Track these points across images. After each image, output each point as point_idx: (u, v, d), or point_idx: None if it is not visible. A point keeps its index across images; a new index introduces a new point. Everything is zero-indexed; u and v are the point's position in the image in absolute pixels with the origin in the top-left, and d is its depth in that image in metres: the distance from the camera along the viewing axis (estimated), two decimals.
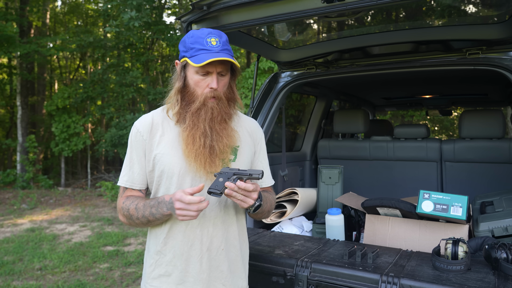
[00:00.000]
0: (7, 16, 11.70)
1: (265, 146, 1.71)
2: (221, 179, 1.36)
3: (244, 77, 8.78)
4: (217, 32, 1.47)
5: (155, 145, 1.47)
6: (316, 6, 1.68)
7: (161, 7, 12.37)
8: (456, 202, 1.94)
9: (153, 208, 1.41)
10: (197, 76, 1.44)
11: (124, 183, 1.52)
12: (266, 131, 2.72)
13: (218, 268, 1.50)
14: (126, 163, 1.53)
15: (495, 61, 2.21)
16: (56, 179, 13.77)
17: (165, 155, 1.46)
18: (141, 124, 1.51)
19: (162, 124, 1.51)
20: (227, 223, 1.53)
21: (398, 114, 12.35)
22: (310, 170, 3.55)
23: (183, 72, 1.47)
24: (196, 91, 1.45)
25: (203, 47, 1.41)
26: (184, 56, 1.45)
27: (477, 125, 2.82)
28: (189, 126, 1.44)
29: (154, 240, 1.52)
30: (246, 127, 1.63)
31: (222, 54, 1.41)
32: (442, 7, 2.13)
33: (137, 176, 1.51)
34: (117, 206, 1.53)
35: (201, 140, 1.41)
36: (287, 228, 2.52)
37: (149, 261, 1.52)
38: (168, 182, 1.47)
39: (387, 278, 1.61)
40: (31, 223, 7.28)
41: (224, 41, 1.46)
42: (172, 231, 1.47)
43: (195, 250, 1.46)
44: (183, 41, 1.48)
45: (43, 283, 4.29)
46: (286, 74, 2.85)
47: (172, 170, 1.45)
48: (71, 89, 12.56)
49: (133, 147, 1.51)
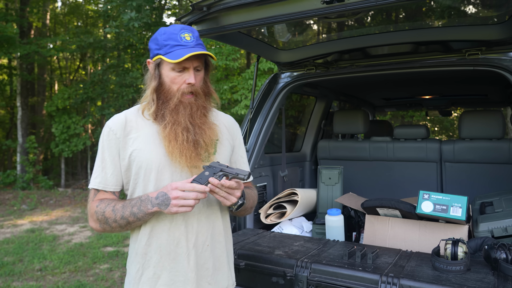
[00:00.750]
0: (7, 17, 11.71)
1: (243, 141, 1.71)
2: (207, 173, 1.34)
3: (244, 78, 8.78)
4: (189, 28, 1.45)
5: (131, 142, 1.43)
6: (315, 7, 1.68)
7: (161, 8, 12.38)
8: (456, 203, 1.94)
9: (134, 207, 1.36)
10: (173, 73, 1.42)
11: (97, 185, 1.44)
12: (266, 132, 2.72)
13: (204, 265, 1.47)
14: (97, 164, 1.46)
15: (495, 61, 2.22)
16: (56, 180, 13.77)
17: (142, 151, 1.42)
18: (113, 123, 1.46)
19: (137, 121, 1.47)
20: (211, 219, 1.50)
21: (398, 114, 12.34)
22: (310, 171, 3.55)
23: (157, 70, 1.44)
24: (172, 88, 1.43)
25: (177, 43, 1.39)
26: (158, 54, 1.42)
27: (477, 126, 2.82)
28: (169, 122, 1.40)
29: (135, 244, 1.46)
30: (224, 122, 1.62)
31: (198, 48, 1.40)
32: (442, 8, 2.14)
33: (111, 177, 1.44)
34: (89, 211, 1.44)
35: (184, 135, 1.39)
36: (287, 229, 2.52)
37: (135, 266, 1.45)
38: (146, 179, 1.42)
39: (387, 278, 1.61)
40: (31, 224, 7.28)
41: (197, 36, 1.45)
42: (156, 231, 1.42)
43: (181, 248, 1.42)
44: (155, 39, 1.45)
45: (43, 283, 4.29)
46: (286, 75, 2.86)
47: (150, 166, 1.41)
48: (71, 90, 12.57)
49: (105, 147, 1.45)
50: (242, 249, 2.01)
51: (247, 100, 8.35)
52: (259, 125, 2.69)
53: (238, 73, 9.64)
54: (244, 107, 8.32)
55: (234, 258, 1.97)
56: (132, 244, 1.49)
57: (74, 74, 17.62)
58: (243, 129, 2.67)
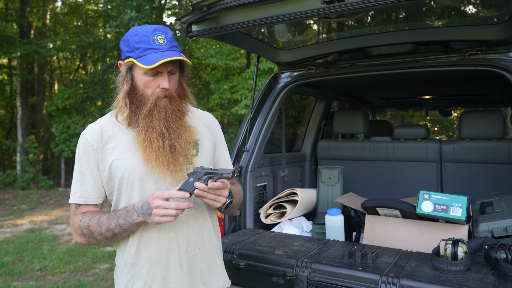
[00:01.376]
0: (7, 16, 11.72)
1: (223, 137, 1.67)
2: (192, 179, 1.31)
3: (244, 78, 8.77)
4: (162, 29, 1.38)
5: (109, 153, 1.37)
6: (315, 7, 1.68)
7: (161, 8, 12.37)
8: (456, 203, 1.94)
9: (120, 218, 1.31)
10: (146, 77, 1.36)
11: (77, 200, 1.39)
12: (266, 132, 2.72)
13: (197, 267, 1.45)
14: (76, 178, 1.40)
15: (495, 61, 2.22)
16: (56, 180, 13.77)
17: (122, 161, 1.36)
18: (89, 134, 1.40)
19: (113, 129, 1.41)
20: (200, 221, 1.47)
21: (398, 114, 12.35)
22: (310, 171, 3.55)
23: (129, 73, 1.38)
24: (146, 92, 1.37)
25: (150, 46, 1.33)
26: (130, 57, 1.35)
27: (477, 126, 2.82)
28: (143, 128, 1.35)
29: (124, 254, 1.42)
30: (203, 120, 1.58)
31: (171, 52, 1.34)
32: (442, 8, 2.14)
33: (91, 190, 1.39)
34: (72, 226, 1.39)
35: (159, 141, 1.34)
36: (287, 229, 2.52)
37: (125, 278, 1.41)
38: (129, 189, 1.37)
39: (387, 278, 1.61)
40: (31, 224, 7.28)
41: (171, 37, 1.38)
42: (144, 240, 1.38)
43: (173, 255, 1.39)
44: (126, 40, 1.38)
45: (43, 283, 4.29)
46: (286, 74, 2.86)
47: (132, 175, 1.36)
48: (71, 90, 12.58)
49: (83, 159, 1.39)
50: (242, 249, 2.01)
51: (247, 100, 8.35)
52: (259, 125, 2.69)
53: (238, 73, 9.64)
54: (244, 107, 8.32)
55: (234, 258, 1.98)
56: (120, 254, 1.44)
57: (74, 74, 17.63)
58: (243, 129, 2.67)
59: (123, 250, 1.42)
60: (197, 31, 2.01)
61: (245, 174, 2.58)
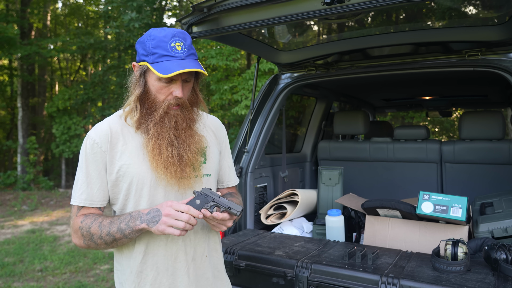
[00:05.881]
0: (8, 18, 11.74)
1: (229, 144, 1.67)
2: (198, 202, 1.29)
3: (244, 79, 8.78)
4: (181, 34, 1.32)
5: (118, 156, 1.34)
6: (316, 8, 1.69)
7: (162, 9, 12.39)
8: (456, 203, 1.95)
9: (122, 223, 1.27)
10: (160, 84, 1.32)
11: (82, 202, 1.34)
12: (266, 133, 2.73)
13: (204, 275, 1.44)
14: (81, 180, 1.35)
15: (495, 62, 2.22)
16: (56, 181, 13.78)
17: (132, 166, 1.33)
18: (97, 135, 1.35)
19: (122, 132, 1.37)
20: (206, 229, 1.46)
21: (398, 115, 12.35)
22: (310, 172, 3.55)
23: (142, 77, 1.34)
24: (158, 98, 1.34)
25: (167, 53, 1.28)
26: (145, 61, 1.31)
27: (477, 127, 2.83)
28: (153, 136, 1.32)
29: (129, 262, 1.38)
30: (210, 126, 1.57)
31: (188, 62, 1.29)
32: (442, 9, 2.14)
33: (97, 192, 1.35)
34: (72, 227, 1.35)
35: (169, 150, 1.32)
36: (287, 229, 2.52)
37: (130, 285, 1.37)
38: (137, 195, 1.34)
39: (387, 279, 1.61)
40: (31, 225, 7.28)
41: (189, 45, 1.33)
42: (151, 248, 1.36)
43: (180, 263, 1.38)
44: (142, 43, 1.33)
45: (43, 284, 4.29)
46: (286, 75, 2.86)
47: (142, 181, 1.33)
48: (71, 91, 12.59)
49: (90, 160, 1.34)
50: (242, 250, 2.02)
51: (248, 101, 8.35)
52: (260, 126, 2.70)
53: (239, 74, 9.64)
54: (244, 108, 8.32)
55: (235, 258, 1.99)
56: (125, 261, 1.40)
57: (74, 75, 17.64)
58: (244, 129, 2.68)
59: (128, 257, 1.39)
60: (198, 32, 2.01)
61: (246, 175, 2.59)
